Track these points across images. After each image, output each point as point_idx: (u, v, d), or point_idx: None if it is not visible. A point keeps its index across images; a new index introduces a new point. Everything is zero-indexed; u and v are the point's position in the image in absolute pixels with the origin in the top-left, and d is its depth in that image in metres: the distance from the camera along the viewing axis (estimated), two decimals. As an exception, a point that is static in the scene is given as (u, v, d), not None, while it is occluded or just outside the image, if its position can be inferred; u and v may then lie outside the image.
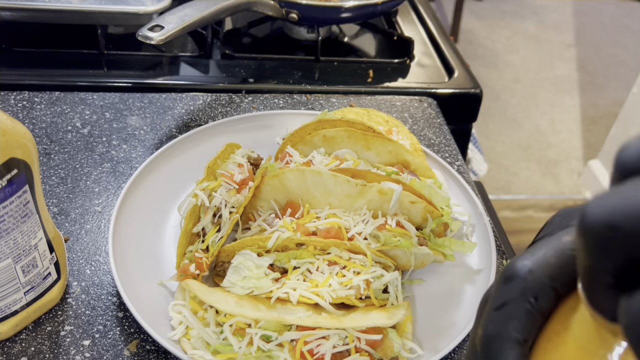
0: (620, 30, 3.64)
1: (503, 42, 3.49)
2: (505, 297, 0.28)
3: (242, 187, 0.66)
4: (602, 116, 2.87)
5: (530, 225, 2.29)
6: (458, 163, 0.84)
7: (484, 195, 0.95)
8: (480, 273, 0.65)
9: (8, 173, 0.49)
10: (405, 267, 0.64)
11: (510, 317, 0.28)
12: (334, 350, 0.53)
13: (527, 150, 2.65)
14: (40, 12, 0.90)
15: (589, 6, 3.91)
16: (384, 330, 0.55)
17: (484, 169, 1.40)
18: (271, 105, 0.91)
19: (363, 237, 0.61)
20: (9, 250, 0.52)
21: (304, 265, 0.58)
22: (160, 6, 0.91)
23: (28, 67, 0.93)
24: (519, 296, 0.28)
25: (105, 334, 0.59)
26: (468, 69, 1.03)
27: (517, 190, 2.44)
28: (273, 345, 0.54)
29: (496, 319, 0.28)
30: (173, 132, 0.84)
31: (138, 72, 0.95)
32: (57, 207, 0.71)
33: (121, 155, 0.79)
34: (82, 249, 0.67)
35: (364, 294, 0.57)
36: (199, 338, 0.56)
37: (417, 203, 0.65)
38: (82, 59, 0.95)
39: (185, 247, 0.62)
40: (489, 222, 0.70)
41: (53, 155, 0.78)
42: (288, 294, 0.56)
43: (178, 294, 0.59)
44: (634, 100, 2.17)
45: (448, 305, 0.63)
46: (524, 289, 0.28)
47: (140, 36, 0.81)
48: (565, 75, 3.20)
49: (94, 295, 0.62)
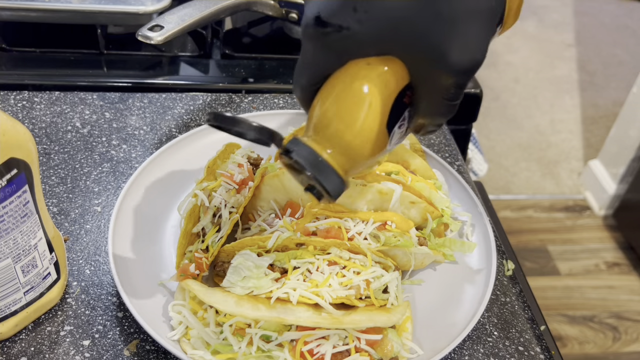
0: (620, 30, 3.64)
1: (503, 42, 3.49)
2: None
3: (242, 187, 0.66)
4: (602, 116, 2.87)
5: (530, 226, 2.29)
6: (458, 163, 0.84)
7: (484, 195, 0.95)
8: (480, 273, 0.65)
9: (8, 173, 0.49)
10: (405, 267, 0.64)
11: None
12: (334, 350, 0.53)
13: (527, 150, 2.65)
14: (40, 12, 0.90)
15: (589, 6, 3.91)
16: (383, 331, 0.55)
17: (484, 169, 1.39)
18: (271, 105, 0.91)
19: (363, 237, 0.61)
20: (9, 250, 0.52)
21: (304, 265, 0.58)
22: (160, 6, 0.91)
23: (28, 67, 0.93)
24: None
25: (105, 334, 0.59)
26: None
27: (517, 190, 2.44)
28: (273, 346, 0.54)
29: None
30: (173, 132, 0.84)
31: (138, 72, 0.95)
32: (57, 207, 0.71)
33: (121, 155, 0.79)
34: (82, 249, 0.67)
35: (364, 294, 0.57)
36: (199, 338, 0.56)
37: (417, 203, 0.65)
38: (81, 59, 0.95)
39: (185, 247, 0.62)
40: (489, 222, 0.70)
41: (53, 155, 0.78)
42: (288, 294, 0.56)
43: (178, 294, 0.59)
44: (634, 100, 2.17)
45: (448, 305, 0.63)
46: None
47: (140, 36, 0.81)
48: (566, 75, 3.19)
49: (94, 295, 0.62)
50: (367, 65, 0.46)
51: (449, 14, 0.43)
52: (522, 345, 0.62)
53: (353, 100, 0.46)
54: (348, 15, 0.44)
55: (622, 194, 2.24)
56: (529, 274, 2.07)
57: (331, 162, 0.45)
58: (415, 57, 0.46)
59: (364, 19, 0.44)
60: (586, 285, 2.07)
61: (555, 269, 2.12)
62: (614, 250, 2.20)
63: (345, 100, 0.46)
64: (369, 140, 0.46)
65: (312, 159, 0.45)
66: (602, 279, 2.10)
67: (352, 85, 0.46)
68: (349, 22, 0.45)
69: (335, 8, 0.45)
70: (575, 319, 1.95)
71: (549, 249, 2.19)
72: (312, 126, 0.47)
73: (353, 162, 0.47)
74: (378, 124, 0.46)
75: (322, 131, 0.46)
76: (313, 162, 0.45)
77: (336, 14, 0.45)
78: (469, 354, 0.60)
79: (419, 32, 0.44)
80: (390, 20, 0.44)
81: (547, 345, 0.62)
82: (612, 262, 2.15)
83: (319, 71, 0.48)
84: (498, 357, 0.60)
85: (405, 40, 0.45)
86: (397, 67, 0.46)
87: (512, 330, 0.63)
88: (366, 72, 0.46)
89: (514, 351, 0.61)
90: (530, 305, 0.66)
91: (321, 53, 0.47)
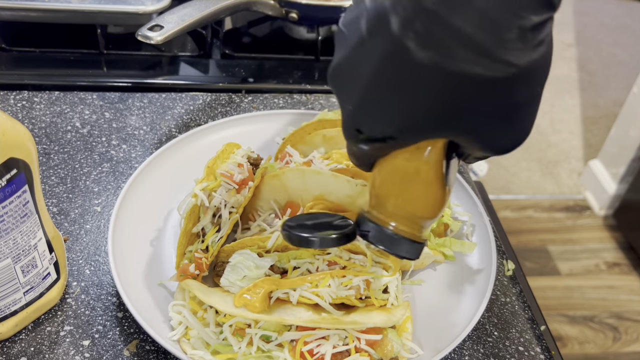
0: (620, 30, 3.64)
1: (503, 42, 3.48)
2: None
3: (242, 187, 0.65)
4: (603, 116, 2.87)
5: (530, 226, 2.28)
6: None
7: (484, 195, 0.95)
8: (480, 273, 0.65)
9: (7, 173, 0.49)
10: (405, 267, 0.64)
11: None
12: (334, 351, 0.53)
13: (527, 150, 2.65)
14: (40, 12, 0.89)
15: (589, 6, 3.91)
16: (383, 331, 0.55)
17: (484, 168, 1.39)
18: (271, 105, 0.91)
19: (363, 237, 0.61)
20: (9, 250, 0.52)
21: (303, 265, 0.58)
22: (160, 6, 0.91)
23: (27, 66, 0.93)
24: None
25: (104, 334, 0.59)
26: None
27: (517, 190, 2.44)
28: (273, 346, 0.54)
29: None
30: (173, 132, 0.84)
31: (138, 72, 0.95)
32: (57, 207, 0.71)
33: (121, 155, 0.79)
34: (82, 249, 0.67)
35: (363, 294, 0.57)
36: (199, 338, 0.56)
37: (417, 203, 0.64)
38: (81, 59, 0.95)
39: (184, 247, 0.62)
40: (489, 222, 0.70)
41: (52, 155, 0.77)
42: (288, 294, 0.56)
43: (178, 294, 0.59)
44: (634, 100, 2.17)
45: (448, 306, 0.63)
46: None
47: (140, 36, 0.81)
48: (566, 74, 3.19)
49: (94, 295, 0.62)
50: (417, 150, 0.45)
51: (517, 99, 0.41)
52: (522, 345, 0.62)
53: (416, 185, 0.47)
54: (387, 128, 0.42)
55: (622, 194, 2.24)
56: (529, 274, 2.07)
57: (403, 233, 0.48)
58: (459, 141, 0.45)
59: (404, 129, 0.42)
60: (586, 285, 2.07)
61: (556, 269, 2.12)
62: (614, 251, 2.20)
63: (407, 185, 0.47)
64: (437, 206, 0.48)
65: (383, 236, 0.49)
66: (602, 279, 2.10)
67: (408, 171, 0.46)
68: (392, 133, 0.43)
69: (376, 122, 0.42)
70: (575, 319, 1.95)
71: (549, 249, 2.19)
72: (379, 204, 0.49)
73: (428, 223, 0.49)
74: (440, 190, 0.47)
75: (391, 210, 0.48)
76: (383, 238, 0.49)
77: (377, 127, 0.43)
78: (469, 354, 0.60)
79: (466, 132, 0.42)
80: (432, 123, 0.42)
81: (547, 345, 0.62)
82: (612, 262, 2.15)
83: (369, 160, 0.48)
84: (498, 357, 0.60)
85: (453, 134, 0.43)
86: (441, 141, 0.46)
87: (512, 331, 0.63)
88: (417, 156, 0.46)
89: (514, 351, 0.61)
90: (530, 305, 0.66)
91: (366, 151, 0.46)
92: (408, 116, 0.41)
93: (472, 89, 0.38)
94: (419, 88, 0.39)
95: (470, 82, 0.38)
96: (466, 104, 0.39)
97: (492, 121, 0.41)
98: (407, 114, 0.41)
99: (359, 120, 0.43)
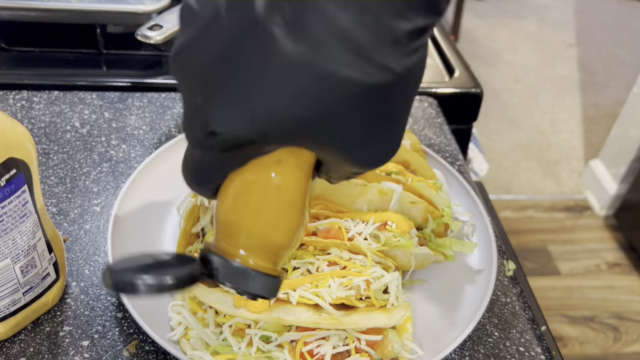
0: (621, 30, 3.64)
1: (503, 42, 3.48)
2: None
3: (242, 187, 0.65)
4: (603, 116, 2.87)
5: (530, 226, 2.28)
6: (459, 163, 0.84)
7: (485, 195, 0.95)
8: (481, 273, 0.65)
9: (7, 173, 0.48)
10: (406, 268, 0.64)
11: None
12: (334, 351, 0.53)
13: (527, 150, 2.65)
14: (39, 12, 0.89)
15: (590, 5, 3.91)
16: (384, 331, 0.55)
17: (484, 168, 1.39)
18: (271, 104, 0.90)
19: (363, 237, 0.61)
20: (8, 250, 0.52)
21: (304, 265, 0.58)
22: (160, 5, 0.91)
23: (27, 66, 0.93)
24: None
25: (104, 334, 0.58)
26: (469, 68, 1.03)
27: (517, 190, 2.44)
28: (273, 346, 0.54)
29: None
30: (172, 132, 0.83)
31: (137, 72, 0.94)
32: (56, 207, 0.71)
33: (120, 155, 0.79)
34: (81, 249, 0.67)
35: (364, 295, 0.57)
36: (199, 339, 0.55)
37: (417, 203, 0.64)
38: (81, 59, 0.95)
39: (184, 247, 0.62)
40: (490, 222, 0.70)
41: (52, 155, 0.77)
42: (288, 295, 0.56)
43: (177, 294, 0.59)
44: (634, 100, 2.17)
45: (448, 306, 0.63)
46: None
47: (140, 35, 0.81)
48: (566, 74, 3.19)
49: (93, 295, 0.62)
50: (278, 164, 0.39)
51: (392, 109, 0.36)
52: (522, 345, 0.62)
53: (276, 207, 0.40)
54: (247, 127, 0.35)
55: (623, 194, 2.23)
56: (530, 274, 2.07)
57: (256, 266, 0.41)
58: (324, 153, 0.39)
59: (266, 131, 0.35)
60: (587, 286, 2.07)
61: (556, 269, 2.12)
62: (615, 251, 2.19)
63: (265, 206, 0.40)
64: (298, 232, 0.42)
65: (231, 271, 0.41)
66: (602, 279, 2.09)
67: (267, 189, 0.40)
68: (250, 134, 0.35)
69: (232, 118, 0.35)
70: (575, 319, 1.95)
71: (549, 249, 2.19)
72: (228, 234, 0.41)
73: (286, 253, 0.43)
74: (302, 213, 0.41)
75: (244, 239, 0.41)
76: (231, 274, 0.41)
77: (233, 124, 0.35)
78: (470, 355, 0.60)
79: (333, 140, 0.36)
80: (298, 127, 0.35)
81: (547, 345, 0.62)
82: (612, 262, 2.15)
83: (216, 176, 0.41)
84: (499, 358, 0.60)
85: (321, 142, 0.37)
86: (305, 155, 0.40)
87: (513, 331, 0.63)
88: (279, 170, 0.39)
89: (515, 352, 0.61)
90: (530, 306, 0.66)
91: (216, 161, 0.39)
92: (270, 114, 0.34)
93: (346, 94, 0.33)
94: (284, 84, 0.33)
95: (345, 86, 0.32)
96: (338, 110, 0.34)
97: (365, 131, 0.36)
98: (269, 112, 0.34)
99: (212, 115, 0.35)
